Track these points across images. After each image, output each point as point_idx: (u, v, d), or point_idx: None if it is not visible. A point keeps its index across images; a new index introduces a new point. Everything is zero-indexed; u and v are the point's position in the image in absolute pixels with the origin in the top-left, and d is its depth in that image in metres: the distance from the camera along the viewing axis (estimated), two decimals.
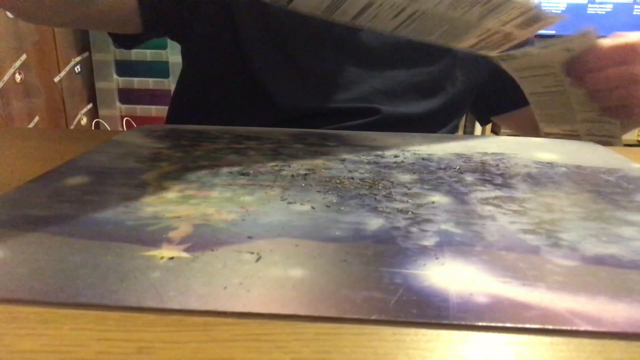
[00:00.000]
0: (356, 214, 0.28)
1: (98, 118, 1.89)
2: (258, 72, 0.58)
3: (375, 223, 0.27)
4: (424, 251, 0.24)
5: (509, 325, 0.18)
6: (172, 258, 0.22)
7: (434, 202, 0.30)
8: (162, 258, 0.22)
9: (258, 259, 0.23)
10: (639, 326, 0.18)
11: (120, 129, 1.77)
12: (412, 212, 0.29)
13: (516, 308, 0.19)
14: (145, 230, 0.25)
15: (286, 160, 0.38)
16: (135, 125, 1.85)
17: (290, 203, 0.30)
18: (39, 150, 0.43)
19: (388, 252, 0.24)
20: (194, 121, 0.51)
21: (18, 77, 1.45)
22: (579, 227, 0.27)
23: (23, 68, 1.47)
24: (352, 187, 0.33)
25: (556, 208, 0.30)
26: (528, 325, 0.18)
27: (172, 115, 0.67)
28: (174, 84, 0.72)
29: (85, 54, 1.81)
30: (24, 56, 1.47)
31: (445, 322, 0.18)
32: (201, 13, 0.58)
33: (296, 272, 0.21)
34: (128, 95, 1.88)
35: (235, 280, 0.21)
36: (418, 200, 0.31)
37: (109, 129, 1.88)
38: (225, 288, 0.20)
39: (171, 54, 1.79)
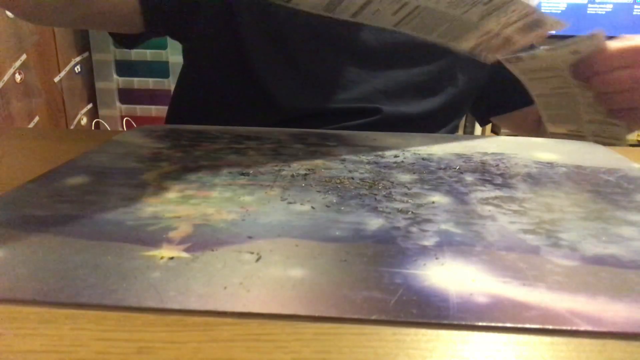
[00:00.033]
0: (356, 214, 0.28)
1: (98, 118, 1.89)
2: (258, 72, 0.58)
3: (375, 223, 0.27)
4: (424, 251, 0.24)
5: (509, 325, 0.18)
6: (172, 258, 0.22)
7: (434, 202, 0.30)
8: (162, 258, 0.22)
9: (258, 259, 0.23)
10: (639, 326, 0.18)
11: (120, 129, 1.77)
12: (412, 212, 0.29)
13: (516, 308, 0.19)
14: (145, 230, 0.25)
15: (286, 160, 0.38)
16: (135, 125, 1.85)
17: (290, 203, 0.30)
18: (39, 150, 0.43)
19: (388, 252, 0.24)
20: (194, 121, 0.51)
21: (18, 77, 1.45)
22: (579, 227, 0.27)
23: (23, 68, 1.47)
24: (352, 187, 0.33)
25: (556, 208, 0.30)
26: (528, 325, 0.18)
27: (172, 115, 0.67)
28: (174, 84, 0.72)
29: (85, 54, 1.81)
30: (24, 56, 1.47)
31: (445, 322, 0.18)
32: (202, 13, 0.58)
33: (296, 272, 0.21)
34: (128, 95, 1.88)
35: (235, 280, 0.21)
36: (418, 200, 0.31)
37: (109, 129, 1.88)
38: (225, 288, 0.20)
39: (171, 54, 1.79)
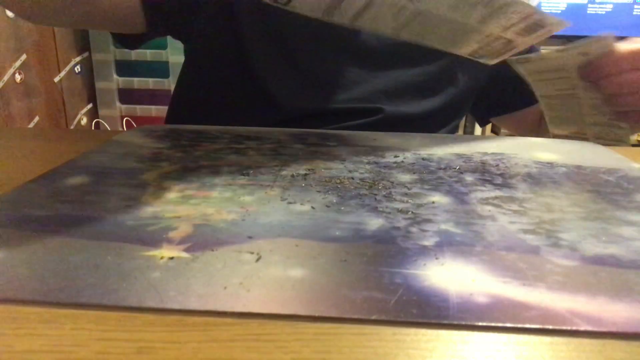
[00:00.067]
0: (356, 214, 0.28)
1: (98, 118, 1.89)
2: (259, 72, 0.58)
3: (375, 223, 0.27)
4: (424, 251, 0.24)
5: (509, 325, 0.18)
6: (172, 258, 0.22)
7: (434, 202, 0.30)
8: (162, 258, 0.22)
9: (258, 259, 0.23)
10: (639, 326, 0.18)
11: (120, 129, 1.77)
12: (412, 212, 0.29)
13: (516, 308, 0.19)
14: (145, 230, 0.25)
15: (286, 161, 0.38)
16: (135, 125, 1.85)
17: (290, 203, 0.30)
18: (39, 150, 0.43)
19: (388, 252, 0.24)
20: (194, 121, 0.51)
21: (18, 77, 1.45)
22: (579, 227, 0.27)
23: (23, 68, 1.47)
24: (352, 187, 0.33)
25: (556, 208, 0.30)
26: (528, 325, 0.18)
27: (172, 115, 0.67)
28: (174, 84, 0.72)
29: (85, 54, 1.81)
30: (24, 56, 1.47)
31: (445, 322, 0.18)
32: (202, 12, 0.58)
33: (296, 272, 0.21)
34: (128, 95, 1.89)
35: (235, 280, 0.21)
36: (418, 200, 0.31)
37: (109, 129, 1.88)
38: (225, 288, 0.20)
39: (171, 54, 1.79)
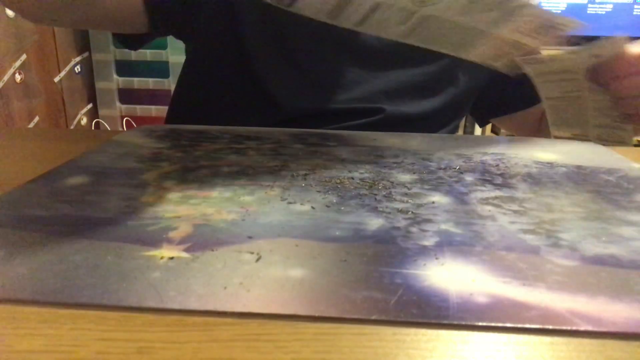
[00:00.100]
0: (356, 214, 0.28)
1: (98, 118, 1.89)
2: (259, 72, 0.58)
3: (375, 223, 0.27)
4: (424, 251, 0.24)
5: (509, 325, 0.18)
6: (172, 258, 0.22)
7: (434, 202, 0.30)
8: (162, 258, 0.22)
9: (258, 259, 0.23)
10: (639, 326, 0.18)
11: (120, 129, 1.77)
12: (412, 212, 0.29)
13: (516, 308, 0.19)
14: (145, 230, 0.25)
15: (286, 160, 0.38)
16: (135, 125, 1.85)
17: (290, 203, 0.30)
18: (39, 150, 0.43)
19: (388, 252, 0.24)
20: (194, 121, 0.51)
21: (18, 77, 1.45)
22: (579, 227, 0.27)
23: (23, 68, 1.47)
24: (352, 187, 0.33)
25: (556, 208, 0.30)
26: (528, 325, 0.18)
27: (172, 115, 0.67)
28: (174, 84, 0.72)
29: (85, 54, 1.81)
30: (24, 56, 1.47)
31: (445, 322, 0.18)
32: (204, 13, 0.58)
33: (296, 272, 0.21)
34: (128, 95, 1.88)
35: (235, 280, 0.21)
36: (418, 200, 0.31)
37: (109, 129, 1.88)
38: (225, 288, 0.20)
39: (171, 54, 1.78)
